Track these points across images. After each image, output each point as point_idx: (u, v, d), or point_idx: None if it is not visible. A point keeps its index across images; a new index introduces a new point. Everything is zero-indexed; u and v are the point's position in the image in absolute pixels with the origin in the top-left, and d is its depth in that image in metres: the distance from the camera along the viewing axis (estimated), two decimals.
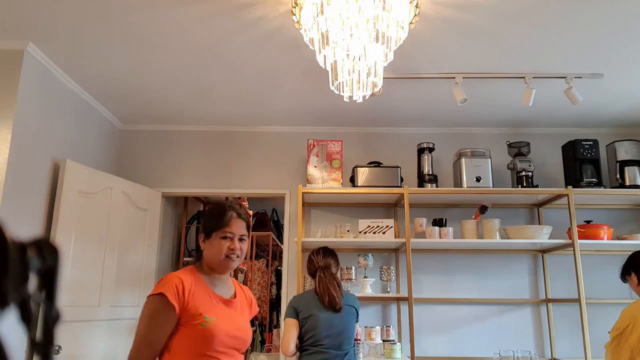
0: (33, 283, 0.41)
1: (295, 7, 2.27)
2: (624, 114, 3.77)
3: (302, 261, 3.56)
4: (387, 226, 3.61)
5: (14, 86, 2.73)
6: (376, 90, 2.26)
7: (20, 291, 0.39)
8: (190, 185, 4.00)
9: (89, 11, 2.46)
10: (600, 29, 2.60)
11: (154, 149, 4.06)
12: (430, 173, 3.69)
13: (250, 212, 5.96)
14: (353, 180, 3.66)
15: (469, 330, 3.73)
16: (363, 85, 2.19)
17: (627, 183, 3.59)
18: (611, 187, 3.69)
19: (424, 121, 3.95)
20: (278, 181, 3.99)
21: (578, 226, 3.51)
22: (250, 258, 6.09)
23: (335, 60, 2.18)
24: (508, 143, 3.87)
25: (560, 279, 3.82)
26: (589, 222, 3.57)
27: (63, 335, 2.98)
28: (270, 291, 6.62)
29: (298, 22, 2.31)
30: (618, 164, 3.65)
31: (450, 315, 3.75)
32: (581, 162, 3.66)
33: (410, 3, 2.23)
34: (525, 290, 3.80)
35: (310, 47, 2.50)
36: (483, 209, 3.53)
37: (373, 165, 3.69)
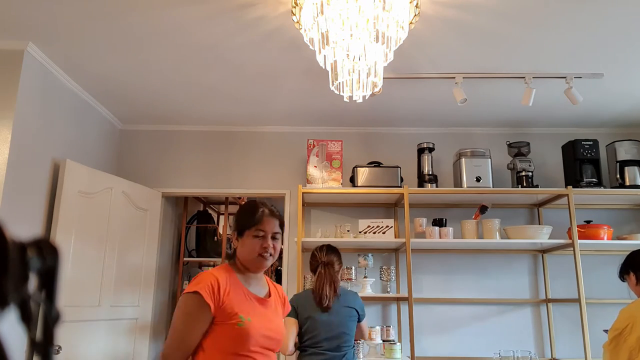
0: (33, 283, 0.41)
1: (295, 7, 2.27)
2: (624, 114, 3.77)
3: (302, 261, 3.56)
4: (387, 226, 3.61)
5: (14, 86, 2.73)
6: (376, 90, 2.26)
7: (20, 291, 0.39)
8: (190, 185, 4.00)
9: (89, 11, 2.46)
10: (600, 29, 2.60)
11: (154, 149, 4.06)
12: (430, 173, 3.69)
13: None
14: (353, 180, 3.66)
15: (469, 330, 3.73)
16: (363, 85, 2.19)
17: (627, 183, 3.59)
18: (611, 187, 3.69)
19: (424, 121, 3.95)
20: (278, 181, 3.99)
21: (578, 226, 3.51)
22: None
23: (335, 60, 2.18)
24: (508, 143, 3.87)
25: (560, 279, 3.82)
26: (589, 222, 3.57)
27: (63, 335, 2.98)
28: None
29: (298, 22, 2.31)
30: (618, 164, 3.65)
31: (450, 315, 3.75)
32: (581, 162, 3.66)
33: (410, 3, 2.23)
34: (525, 290, 3.80)
35: (310, 47, 2.50)
36: (483, 209, 3.53)
37: (373, 165, 3.69)
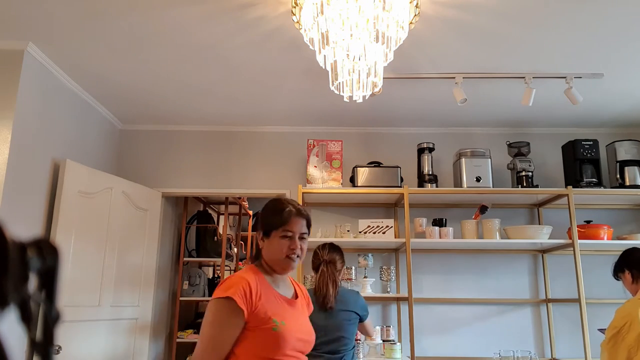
0: (33, 283, 0.41)
1: (295, 7, 2.27)
2: (624, 114, 3.77)
3: (302, 261, 3.56)
4: (387, 226, 3.61)
5: (14, 86, 2.73)
6: (376, 90, 2.26)
7: (20, 291, 0.39)
8: (190, 185, 4.00)
9: (89, 11, 2.46)
10: (600, 29, 2.60)
11: (154, 149, 4.06)
12: (430, 173, 3.69)
13: (250, 212, 5.95)
14: (353, 180, 3.66)
15: (469, 330, 3.73)
16: (363, 85, 2.19)
17: (627, 183, 3.59)
18: (611, 187, 3.69)
19: (424, 121, 3.95)
20: (278, 181, 3.99)
21: (578, 226, 3.51)
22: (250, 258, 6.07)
23: (335, 60, 2.18)
24: (508, 143, 3.86)
25: (560, 279, 3.82)
26: (589, 222, 3.57)
27: (63, 335, 2.98)
28: None
29: (298, 22, 2.31)
30: (618, 164, 3.65)
31: (450, 315, 3.75)
32: (581, 162, 3.66)
33: (410, 3, 2.23)
34: (525, 290, 3.80)
35: (310, 47, 2.50)
36: (483, 209, 3.53)
37: (373, 165, 3.69)
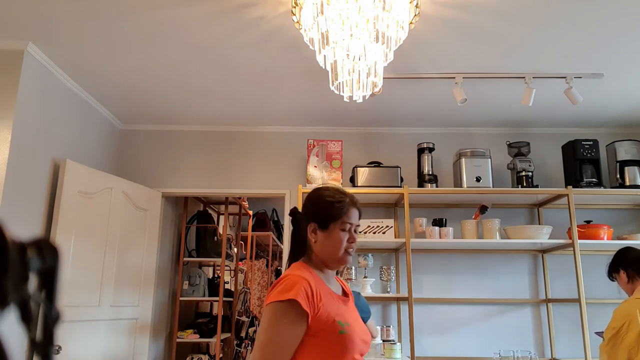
0: (33, 283, 0.41)
1: (295, 7, 2.27)
2: (624, 114, 3.77)
3: None
4: (387, 226, 3.61)
5: (14, 86, 2.73)
6: (376, 90, 2.26)
7: (20, 291, 0.39)
8: (190, 185, 4.00)
9: (89, 11, 2.46)
10: (600, 29, 2.60)
11: (153, 149, 4.06)
12: (430, 173, 3.69)
13: (250, 212, 5.95)
14: (353, 180, 3.66)
15: (469, 330, 3.73)
16: (363, 85, 2.19)
17: (627, 183, 3.59)
18: (611, 187, 3.69)
19: (424, 121, 3.95)
20: (278, 181, 3.99)
21: (578, 226, 3.51)
22: (250, 258, 6.09)
23: (335, 60, 2.18)
24: (508, 143, 3.86)
25: (560, 279, 3.82)
26: (589, 222, 3.57)
27: (63, 335, 2.98)
28: None
29: (298, 22, 2.31)
30: (618, 164, 3.65)
31: (450, 315, 3.75)
32: (581, 162, 3.66)
33: (410, 3, 2.23)
34: (525, 290, 3.80)
35: (310, 47, 2.50)
36: (483, 209, 3.53)
37: (373, 165, 3.69)
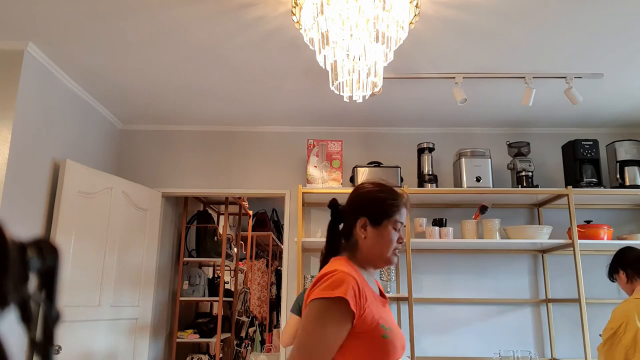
0: (33, 283, 0.41)
1: (295, 7, 2.27)
2: (624, 114, 3.77)
3: (302, 261, 3.56)
4: None
5: (14, 86, 2.73)
6: (376, 90, 2.26)
7: (20, 291, 0.39)
8: (190, 185, 4.00)
9: (89, 11, 2.46)
10: (600, 29, 2.60)
11: (153, 149, 4.06)
12: (430, 173, 3.69)
13: (250, 212, 5.95)
14: (353, 180, 3.66)
15: (469, 330, 3.73)
16: (363, 85, 2.19)
17: (627, 183, 3.59)
18: (611, 187, 3.69)
19: (424, 121, 3.95)
20: (278, 181, 3.99)
21: (578, 226, 3.51)
22: (250, 258, 6.09)
23: (335, 60, 2.18)
24: (508, 143, 3.86)
25: (560, 279, 3.82)
26: (589, 222, 3.57)
27: (63, 335, 2.98)
28: (270, 291, 6.62)
29: (298, 22, 2.31)
30: (618, 164, 3.65)
31: (450, 315, 3.75)
32: (581, 162, 3.66)
33: (410, 3, 2.23)
34: (525, 290, 3.80)
35: (310, 47, 2.50)
36: (483, 209, 3.53)
37: (373, 165, 3.69)
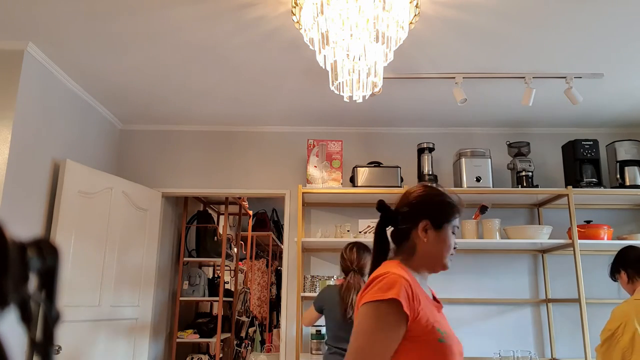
0: (33, 283, 0.41)
1: (295, 7, 2.27)
2: (624, 114, 3.77)
3: (303, 261, 3.56)
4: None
5: (14, 86, 2.73)
6: (376, 90, 2.26)
7: (20, 291, 0.39)
8: (190, 185, 4.00)
9: (89, 11, 2.46)
10: (600, 29, 2.60)
11: (153, 149, 4.06)
12: (430, 173, 3.69)
13: (250, 212, 5.95)
14: (353, 180, 3.66)
15: (469, 330, 3.73)
16: (363, 85, 2.19)
17: (627, 183, 3.59)
18: (611, 187, 3.69)
19: (424, 121, 3.94)
20: (278, 181, 3.99)
21: (578, 226, 3.50)
22: (250, 258, 6.09)
23: (335, 60, 2.18)
24: (508, 143, 3.86)
25: (560, 279, 3.82)
26: (589, 222, 3.57)
27: (63, 335, 2.98)
28: (270, 291, 6.62)
29: (298, 22, 2.31)
30: (618, 164, 3.65)
31: (451, 315, 3.75)
32: (581, 162, 3.66)
33: (410, 3, 2.23)
34: (525, 290, 3.80)
35: (310, 47, 2.50)
36: (483, 209, 3.53)
37: (373, 165, 3.69)
